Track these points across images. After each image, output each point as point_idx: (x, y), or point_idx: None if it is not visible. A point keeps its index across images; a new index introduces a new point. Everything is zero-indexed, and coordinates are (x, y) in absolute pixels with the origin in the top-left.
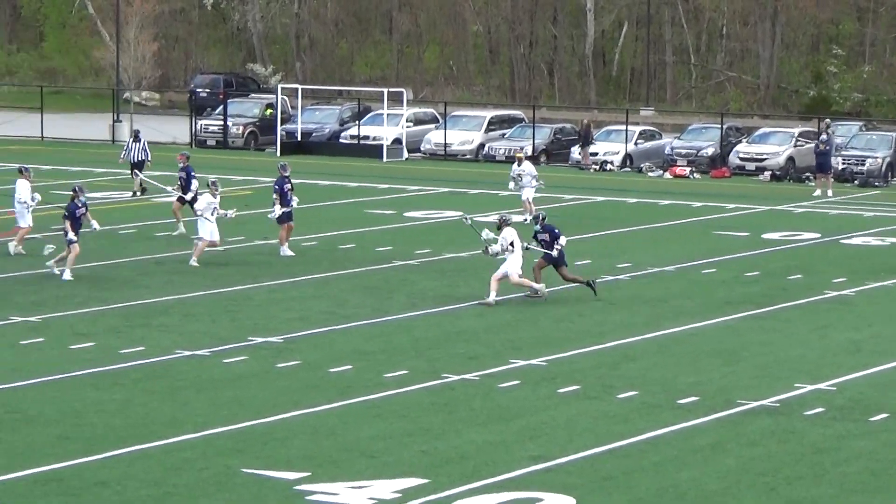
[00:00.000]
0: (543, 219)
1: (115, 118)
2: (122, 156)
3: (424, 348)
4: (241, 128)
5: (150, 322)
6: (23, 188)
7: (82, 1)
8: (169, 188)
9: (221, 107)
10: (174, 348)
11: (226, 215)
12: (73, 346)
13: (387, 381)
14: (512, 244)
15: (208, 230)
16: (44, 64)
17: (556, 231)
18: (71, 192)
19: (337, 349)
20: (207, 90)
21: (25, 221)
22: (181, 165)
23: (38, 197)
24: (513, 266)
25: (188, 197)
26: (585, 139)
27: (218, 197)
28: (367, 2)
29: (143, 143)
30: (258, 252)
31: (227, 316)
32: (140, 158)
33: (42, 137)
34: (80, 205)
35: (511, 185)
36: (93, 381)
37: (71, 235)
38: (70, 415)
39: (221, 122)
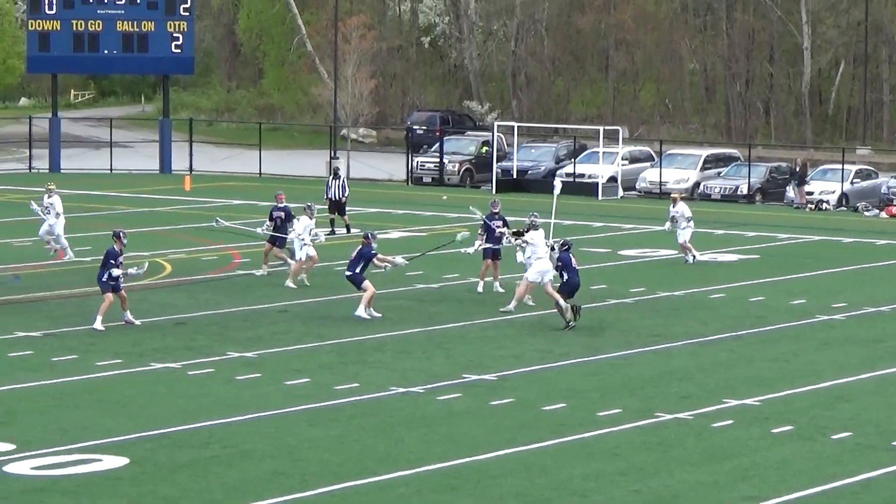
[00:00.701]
0: (566, 247)
1: (333, 155)
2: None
3: (638, 387)
4: (457, 165)
5: (364, 359)
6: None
7: (301, 38)
8: (259, 230)
9: (438, 144)
10: (388, 385)
11: (317, 237)
12: (288, 382)
13: (600, 420)
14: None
15: (305, 252)
16: (262, 101)
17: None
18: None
19: (550, 387)
20: (424, 127)
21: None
22: (280, 205)
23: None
24: (535, 273)
25: (290, 237)
26: (801, 178)
27: (314, 219)
28: (583, 40)
29: (343, 181)
30: (471, 289)
31: (441, 353)
32: (340, 196)
33: (260, 174)
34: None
35: (667, 225)
36: (308, 417)
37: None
38: (285, 450)
39: (438, 160)
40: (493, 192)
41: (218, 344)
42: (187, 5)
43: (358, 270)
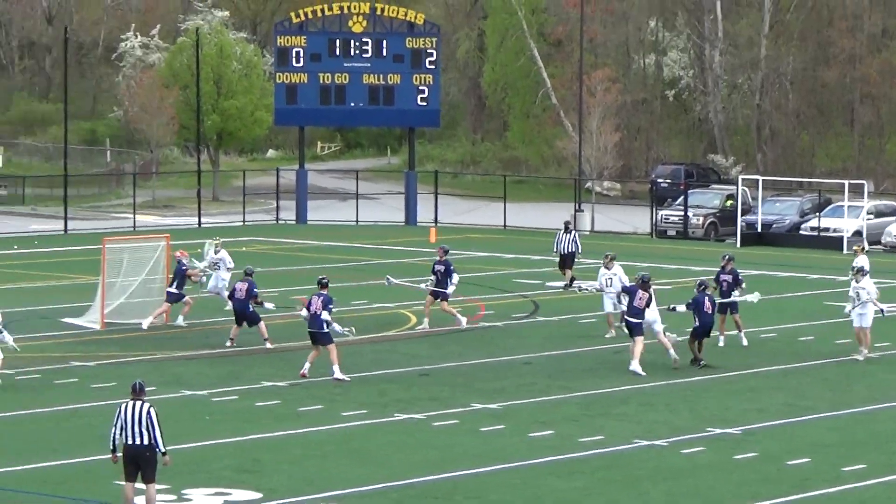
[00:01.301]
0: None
1: (577, 208)
2: (554, 248)
3: (883, 442)
4: (702, 218)
5: (609, 411)
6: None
7: (546, 91)
8: (421, 286)
9: (682, 197)
10: (632, 438)
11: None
12: (532, 434)
13: (845, 475)
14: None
15: None
16: (507, 154)
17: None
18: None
19: (795, 441)
20: (668, 180)
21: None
22: (440, 258)
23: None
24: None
25: (449, 292)
26: None
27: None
28: (828, 93)
29: (574, 235)
30: (716, 342)
31: (686, 406)
32: (571, 250)
33: (504, 226)
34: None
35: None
36: (552, 469)
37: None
38: (531, 502)
39: (682, 213)
40: (738, 245)
41: (462, 395)
42: (433, 58)
43: None
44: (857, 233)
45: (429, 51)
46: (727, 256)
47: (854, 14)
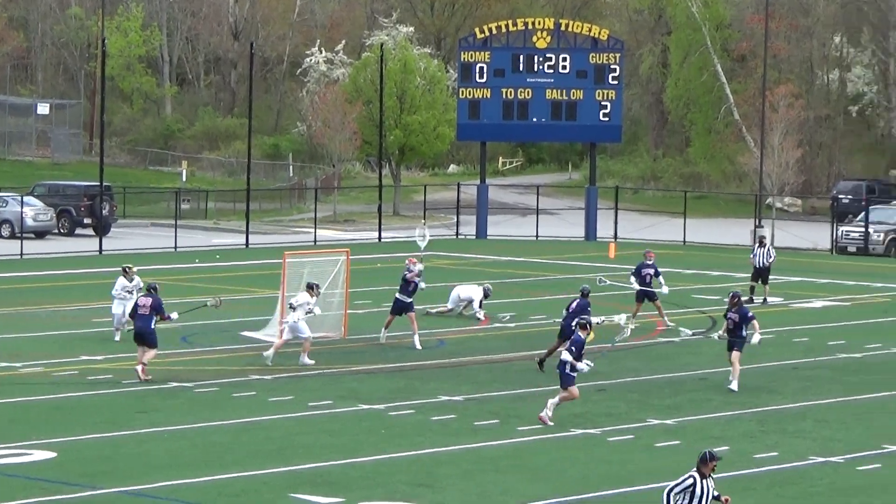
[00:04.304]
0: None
1: (757, 223)
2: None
3: None
4: (883, 234)
5: (784, 427)
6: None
7: (728, 107)
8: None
9: (863, 213)
10: (808, 454)
11: (312, 313)
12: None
13: None
14: None
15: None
16: (688, 169)
17: None
18: None
19: None
20: (850, 196)
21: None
22: (649, 262)
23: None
24: None
25: (665, 291)
26: None
27: (314, 298)
28: None
29: (768, 249)
30: (895, 359)
31: (862, 423)
32: (766, 264)
33: (684, 241)
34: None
35: None
36: (727, 485)
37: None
38: None
39: (863, 229)
40: None
41: (637, 411)
42: (616, 74)
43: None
44: None
45: (612, 66)
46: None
47: None
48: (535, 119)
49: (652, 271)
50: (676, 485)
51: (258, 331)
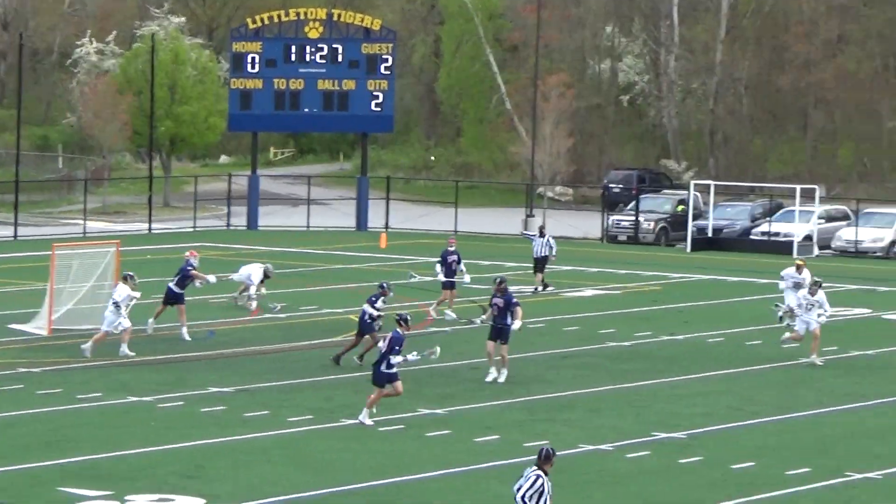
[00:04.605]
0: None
1: (529, 213)
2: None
3: (829, 446)
4: (653, 223)
5: (554, 416)
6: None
7: (500, 97)
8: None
9: (634, 202)
10: (577, 443)
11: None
12: (478, 439)
13: (789, 479)
14: None
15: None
16: (460, 159)
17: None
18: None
19: (741, 446)
20: (620, 186)
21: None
22: (451, 249)
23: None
24: None
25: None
26: None
27: (135, 291)
28: (782, 99)
29: (548, 239)
30: (664, 346)
31: (632, 411)
32: (544, 254)
33: (455, 231)
34: None
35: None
36: (497, 473)
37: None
38: None
39: (633, 218)
40: (689, 250)
41: (409, 400)
42: (388, 64)
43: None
44: (808, 237)
45: (384, 56)
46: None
47: (811, 20)
48: (306, 109)
49: (456, 258)
50: (529, 487)
51: (26, 323)
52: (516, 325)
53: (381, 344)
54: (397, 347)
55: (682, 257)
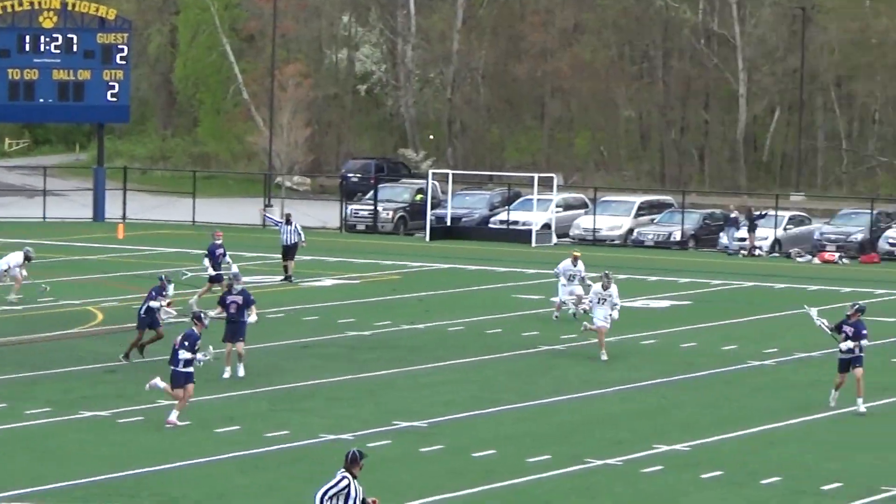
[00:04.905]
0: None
1: (267, 203)
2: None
3: (568, 433)
4: (392, 212)
5: (295, 406)
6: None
7: (237, 87)
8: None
9: (372, 192)
10: (319, 432)
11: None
12: (218, 430)
13: (529, 466)
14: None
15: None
16: (197, 149)
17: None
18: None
19: (481, 434)
20: (359, 175)
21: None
22: (218, 241)
23: None
24: None
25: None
26: (752, 223)
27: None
28: (519, 88)
29: (296, 226)
30: (404, 336)
31: (372, 400)
32: (293, 241)
33: (193, 222)
34: None
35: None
36: (238, 464)
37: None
38: (214, 498)
39: (371, 207)
40: (427, 239)
41: (149, 392)
42: (124, 54)
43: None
44: (546, 226)
45: (119, 46)
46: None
47: (546, 9)
48: (41, 100)
49: (222, 251)
50: (331, 487)
51: None
52: (252, 318)
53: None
54: (187, 343)
55: (420, 246)
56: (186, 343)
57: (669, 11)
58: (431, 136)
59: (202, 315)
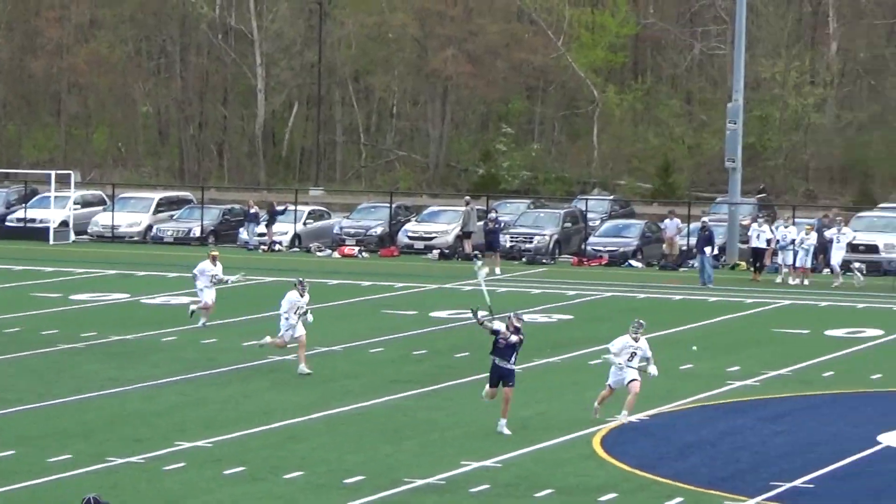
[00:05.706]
0: None
1: None
2: None
3: (91, 431)
4: None
5: None
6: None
7: None
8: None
9: None
10: None
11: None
12: None
13: (51, 466)
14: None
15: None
16: None
17: None
18: None
19: (2, 435)
20: None
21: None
22: None
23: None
24: None
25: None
26: (271, 218)
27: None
28: (35, 83)
29: None
30: None
31: None
32: None
33: None
34: None
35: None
36: None
37: None
38: None
39: None
40: None
41: None
42: None
43: None
44: (65, 223)
45: None
46: None
47: (62, 4)
48: None
49: None
50: None
51: None
52: None
53: None
54: None
55: None
56: None
57: (187, 7)
58: None
59: None
